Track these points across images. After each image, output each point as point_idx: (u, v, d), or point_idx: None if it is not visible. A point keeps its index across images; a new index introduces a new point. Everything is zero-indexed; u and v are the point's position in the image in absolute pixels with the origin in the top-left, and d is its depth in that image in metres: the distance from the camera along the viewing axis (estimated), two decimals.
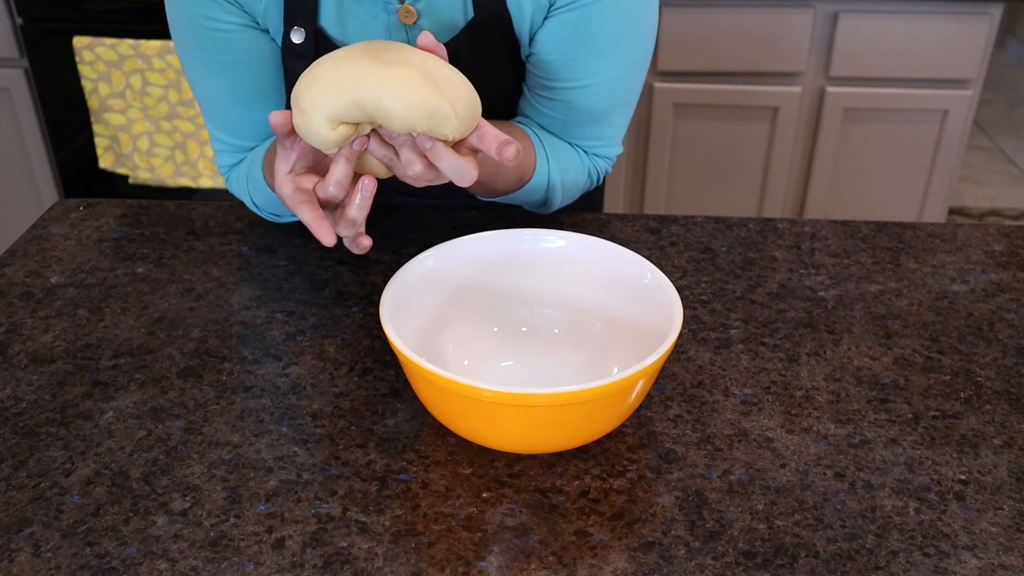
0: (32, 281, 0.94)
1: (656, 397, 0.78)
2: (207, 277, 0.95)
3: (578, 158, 0.98)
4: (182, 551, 0.64)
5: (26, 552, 0.64)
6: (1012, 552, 0.65)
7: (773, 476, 0.71)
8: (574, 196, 1.01)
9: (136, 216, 1.06)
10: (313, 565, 0.63)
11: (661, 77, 2.07)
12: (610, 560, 0.64)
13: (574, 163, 0.97)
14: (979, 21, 1.95)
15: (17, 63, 2.13)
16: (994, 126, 3.65)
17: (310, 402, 0.78)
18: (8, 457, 0.72)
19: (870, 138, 2.10)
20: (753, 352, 0.84)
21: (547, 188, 0.96)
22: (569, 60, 0.90)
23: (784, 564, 0.63)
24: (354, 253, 0.82)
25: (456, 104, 0.70)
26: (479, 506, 0.68)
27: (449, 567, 0.63)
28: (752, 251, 0.99)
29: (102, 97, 2.06)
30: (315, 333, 0.86)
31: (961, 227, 1.05)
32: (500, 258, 0.82)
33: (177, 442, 0.74)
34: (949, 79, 2.03)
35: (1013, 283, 0.95)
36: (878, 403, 0.78)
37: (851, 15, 1.96)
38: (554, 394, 0.64)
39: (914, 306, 0.91)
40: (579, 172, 0.98)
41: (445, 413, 0.70)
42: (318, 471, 0.71)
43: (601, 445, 0.73)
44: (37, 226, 1.04)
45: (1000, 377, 0.82)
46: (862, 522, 0.67)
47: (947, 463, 0.72)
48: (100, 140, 2.12)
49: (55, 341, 0.85)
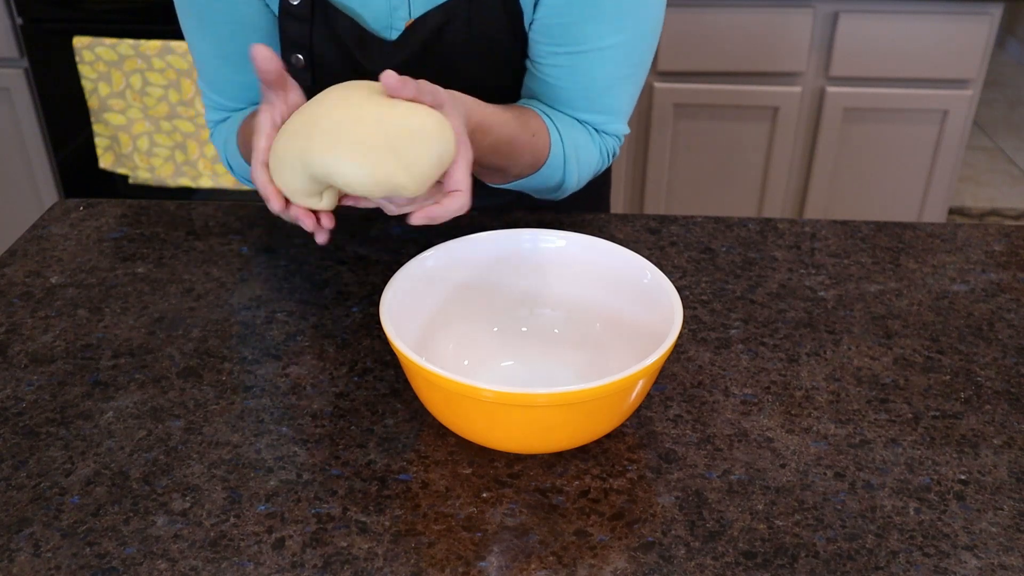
0: (32, 281, 0.94)
1: (656, 397, 0.78)
2: (207, 277, 0.95)
3: (588, 136, 0.96)
4: (182, 551, 0.64)
5: (26, 552, 0.64)
6: (1012, 552, 0.65)
7: (773, 476, 0.71)
8: (587, 177, 0.99)
9: (136, 216, 1.06)
10: (313, 565, 0.63)
11: (661, 77, 2.07)
12: (610, 560, 0.64)
13: (585, 141, 0.96)
14: (979, 21, 1.95)
15: (17, 63, 2.13)
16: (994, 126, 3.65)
17: (310, 402, 0.78)
18: (8, 457, 0.72)
19: (870, 138, 2.10)
20: (753, 352, 0.84)
21: (563, 168, 0.94)
22: (575, 23, 0.88)
23: (784, 564, 0.63)
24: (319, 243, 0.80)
25: (413, 167, 0.68)
26: (479, 506, 0.68)
27: (449, 567, 0.63)
28: (752, 251, 0.99)
29: (102, 97, 2.06)
30: (315, 333, 0.86)
31: (961, 227, 1.05)
32: (500, 258, 0.82)
33: (177, 442, 0.74)
34: (949, 79, 2.03)
35: (1013, 283, 0.95)
36: (878, 403, 0.78)
37: (851, 15, 1.96)
38: (554, 394, 0.63)
39: (914, 306, 0.91)
40: (591, 151, 0.97)
41: (445, 413, 0.70)
42: (318, 471, 0.71)
43: (601, 445, 0.73)
44: (37, 226, 1.04)
45: (1000, 377, 0.82)
46: (862, 522, 0.67)
47: (947, 463, 0.72)
48: (100, 140, 2.12)
49: (55, 341, 0.85)
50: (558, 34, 0.90)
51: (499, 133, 0.84)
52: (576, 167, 0.95)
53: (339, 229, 1.02)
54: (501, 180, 0.94)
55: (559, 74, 0.93)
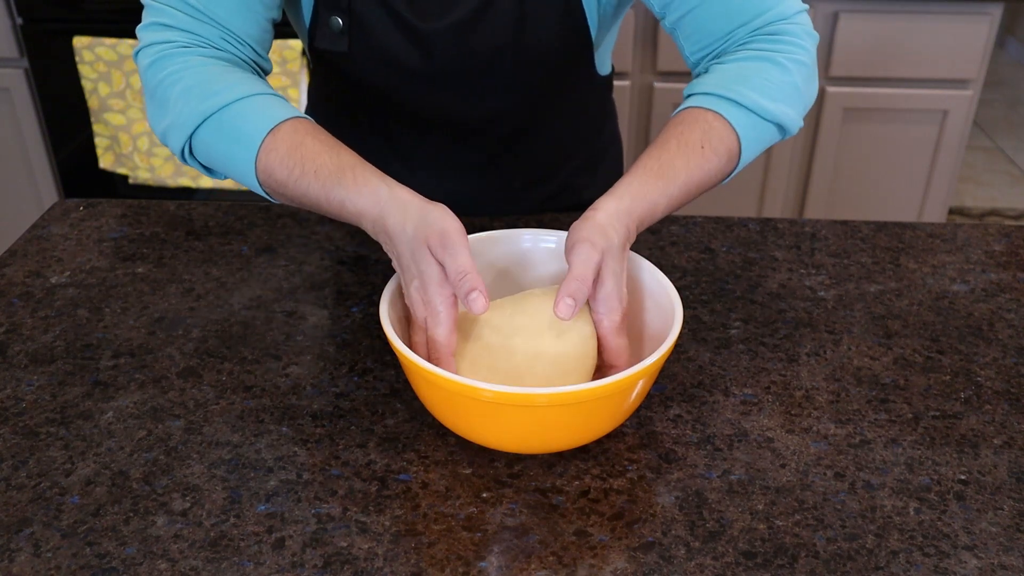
0: (32, 281, 0.94)
1: (656, 397, 0.78)
2: (207, 277, 0.95)
3: (767, 66, 0.82)
4: (182, 551, 0.64)
5: (26, 552, 0.64)
6: (1012, 552, 0.65)
7: (773, 476, 0.71)
8: (806, 95, 0.85)
9: (136, 216, 1.06)
10: (313, 565, 0.63)
11: (661, 77, 2.07)
12: (610, 560, 0.64)
13: (762, 79, 0.81)
14: (979, 21, 1.95)
15: (17, 63, 2.13)
16: (994, 126, 3.65)
17: (310, 402, 0.78)
18: (8, 457, 0.72)
19: (870, 138, 2.10)
20: (753, 352, 0.84)
21: (776, 123, 0.83)
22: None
23: (784, 564, 0.63)
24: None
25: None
26: (479, 506, 0.68)
27: (449, 567, 0.63)
28: (752, 251, 0.99)
29: (102, 97, 2.06)
30: (315, 333, 0.86)
31: (961, 227, 1.05)
32: (500, 258, 0.82)
33: (177, 442, 0.74)
34: (949, 79, 2.03)
35: (1013, 283, 0.95)
36: (878, 403, 0.78)
37: (851, 15, 1.96)
38: (553, 394, 0.63)
39: (914, 306, 0.91)
40: (774, 76, 0.82)
41: (445, 413, 0.70)
42: (318, 471, 0.71)
43: (601, 445, 0.73)
44: (37, 226, 1.04)
45: (1000, 377, 0.81)
46: (862, 522, 0.67)
47: (947, 463, 0.72)
48: (100, 140, 2.12)
49: (55, 341, 0.85)
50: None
51: (667, 195, 0.76)
52: (787, 107, 0.83)
53: (339, 229, 1.02)
54: (717, 184, 0.84)
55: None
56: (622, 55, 2.03)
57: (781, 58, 0.83)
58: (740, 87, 0.81)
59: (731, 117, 0.80)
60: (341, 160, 0.75)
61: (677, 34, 0.89)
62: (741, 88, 0.80)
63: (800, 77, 0.84)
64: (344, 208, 0.74)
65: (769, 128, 0.83)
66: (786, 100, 0.83)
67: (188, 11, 0.82)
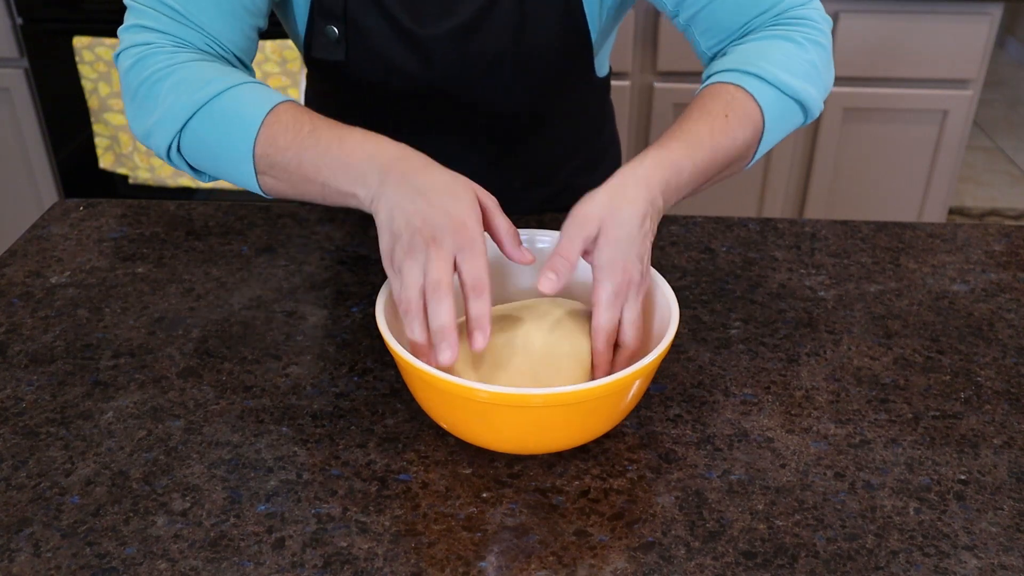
0: (32, 281, 0.94)
1: (656, 397, 0.78)
2: (207, 277, 0.95)
3: (785, 44, 0.82)
4: (182, 551, 0.64)
5: (26, 552, 0.64)
6: (1012, 552, 0.65)
7: (773, 476, 0.71)
8: (826, 76, 0.86)
9: (136, 216, 1.06)
10: (313, 565, 0.63)
11: (661, 77, 2.07)
12: (610, 560, 0.64)
13: (783, 56, 0.81)
14: (979, 21, 1.95)
15: (17, 63, 2.13)
16: (994, 126, 3.65)
17: (310, 402, 0.78)
18: (8, 457, 0.72)
19: (870, 138, 2.10)
20: (753, 352, 0.84)
21: (797, 101, 0.82)
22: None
23: (784, 564, 0.63)
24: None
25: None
26: (479, 506, 0.68)
27: (449, 567, 0.63)
28: (752, 251, 0.99)
29: (102, 97, 2.06)
30: (315, 333, 0.86)
31: (961, 227, 1.05)
32: (499, 258, 0.82)
33: (177, 442, 0.74)
34: (949, 79, 2.03)
35: (1013, 283, 0.95)
36: (878, 403, 0.78)
37: (851, 15, 1.96)
38: (550, 395, 0.63)
39: (914, 306, 0.91)
40: (793, 53, 0.81)
41: (442, 414, 0.70)
42: (318, 471, 0.71)
43: (601, 445, 0.73)
44: (37, 226, 1.04)
45: (1000, 377, 0.81)
46: (862, 522, 0.67)
47: (947, 463, 0.72)
48: (100, 140, 2.12)
49: (55, 341, 0.85)
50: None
51: (691, 159, 0.75)
52: (807, 84, 0.82)
53: (339, 229, 1.02)
54: (745, 163, 0.82)
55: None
56: (622, 55, 2.03)
57: (799, 37, 0.83)
58: (761, 62, 0.80)
59: (753, 89, 0.79)
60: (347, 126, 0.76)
61: (692, 30, 0.88)
62: (762, 63, 0.80)
63: (818, 56, 0.84)
64: (354, 154, 0.73)
65: (791, 105, 0.82)
66: (806, 78, 0.82)
67: (171, 15, 0.81)
